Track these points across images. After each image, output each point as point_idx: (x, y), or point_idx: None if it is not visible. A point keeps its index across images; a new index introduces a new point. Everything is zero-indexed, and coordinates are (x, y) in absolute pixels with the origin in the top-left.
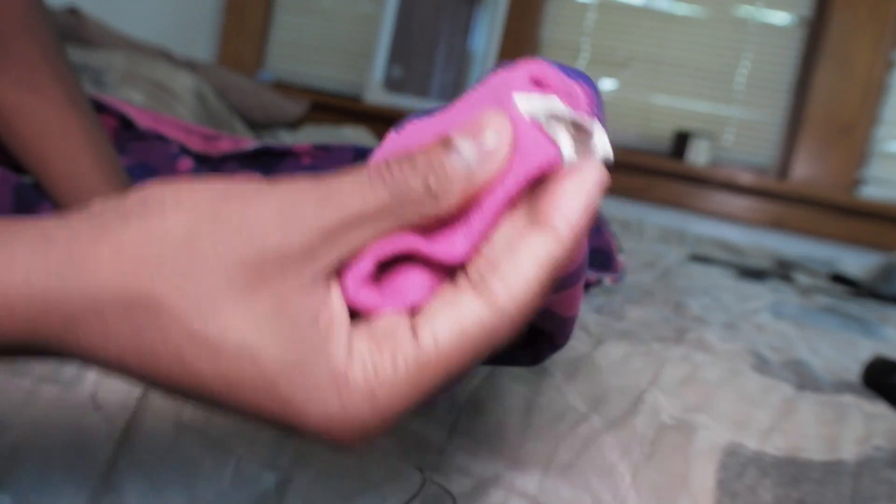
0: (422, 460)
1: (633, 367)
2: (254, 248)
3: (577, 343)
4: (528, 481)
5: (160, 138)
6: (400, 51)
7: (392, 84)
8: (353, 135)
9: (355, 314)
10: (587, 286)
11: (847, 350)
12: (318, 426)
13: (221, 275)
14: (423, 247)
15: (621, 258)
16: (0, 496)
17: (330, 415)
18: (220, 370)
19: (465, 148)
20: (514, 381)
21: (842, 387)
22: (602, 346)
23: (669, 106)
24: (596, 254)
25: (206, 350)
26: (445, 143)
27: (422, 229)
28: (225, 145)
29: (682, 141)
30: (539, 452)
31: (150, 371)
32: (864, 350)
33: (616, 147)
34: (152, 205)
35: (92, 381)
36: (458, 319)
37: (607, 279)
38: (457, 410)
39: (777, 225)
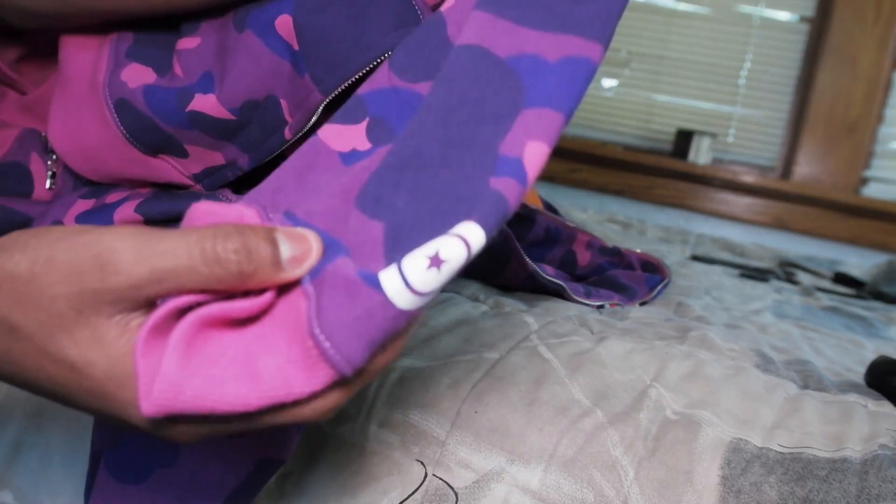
0: (423, 454)
1: (636, 362)
2: (75, 288)
3: (579, 339)
4: (531, 475)
5: None
6: None
7: None
8: None
9: None
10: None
11: (851, 351)
12: (137, 420)
13: (56, 307)
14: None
15: (648, 295)
16: (1, 493)
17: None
18: (68, 377)
19: (285, 248)
20: (517, 375)
21: (846, 387)
22: (605, 342)
23: (671, 104)
24: (614, 282)
25: (55, 363)
26: (269, 234)
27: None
28: None
29: (684, 140)
30: (541, 446)
31: (20, 377)
32: (867, 351)
33: (617, 146)
34: (7, 247)
35: None
36: None
37: (608, 303)
38: (459, 404)
39: (780, 225)
